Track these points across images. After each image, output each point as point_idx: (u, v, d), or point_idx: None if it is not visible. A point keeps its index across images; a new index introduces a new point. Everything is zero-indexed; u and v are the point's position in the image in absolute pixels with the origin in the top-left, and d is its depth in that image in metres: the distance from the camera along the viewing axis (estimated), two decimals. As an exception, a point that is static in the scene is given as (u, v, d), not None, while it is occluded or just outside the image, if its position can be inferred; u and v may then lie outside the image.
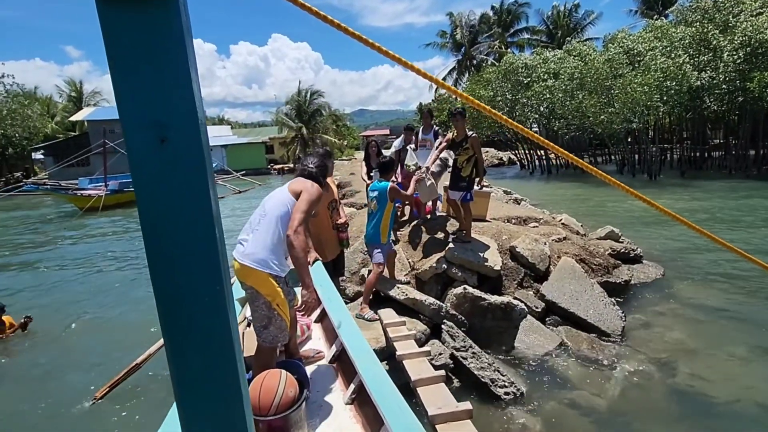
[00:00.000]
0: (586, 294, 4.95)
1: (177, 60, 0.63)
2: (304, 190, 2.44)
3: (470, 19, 40.98)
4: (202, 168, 0.67)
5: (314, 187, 2.49)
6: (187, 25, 0.65)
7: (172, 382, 0.75)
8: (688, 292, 5.69)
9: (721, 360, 4.13)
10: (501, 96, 22.80)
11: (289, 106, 36.34)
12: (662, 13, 28.47)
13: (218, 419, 0.76)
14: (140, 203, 0.67)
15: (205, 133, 0.69)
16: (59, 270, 8.70)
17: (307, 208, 2.39)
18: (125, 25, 0.62)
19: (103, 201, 15.88)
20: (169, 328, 0.71)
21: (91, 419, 3.64)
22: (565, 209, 9.39)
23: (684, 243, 7.82)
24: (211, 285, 0.70)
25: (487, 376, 3.64)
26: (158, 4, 0.61)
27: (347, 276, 5.30)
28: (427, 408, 2.75)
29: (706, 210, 11.02)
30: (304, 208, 2.38)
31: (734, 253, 1.53)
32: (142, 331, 5.06)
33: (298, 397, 2.13)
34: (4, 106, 27.71)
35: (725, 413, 3.40)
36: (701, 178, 17.04)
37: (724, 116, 19.06)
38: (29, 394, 4.11)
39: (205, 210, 0.69)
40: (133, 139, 0.64)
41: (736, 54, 15.32)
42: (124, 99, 0.63)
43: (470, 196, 5.04)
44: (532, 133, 1.30)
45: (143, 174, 0.66)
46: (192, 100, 0.65)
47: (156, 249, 0.69)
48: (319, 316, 3.60)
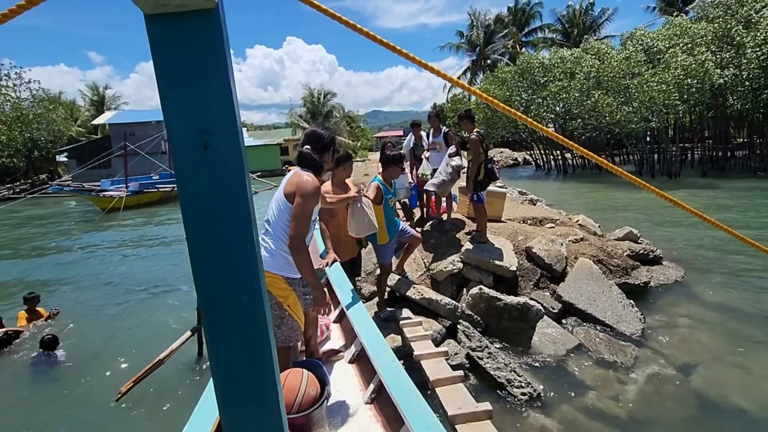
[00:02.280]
0: (604, 295, 4.89)
1: (218, 71, 0.68)
2: (296, 192, 2.25)
3: (486, 19, 40.76)
4: (240, 172, 0.71)
5: (308, 183, 2.25)
6: (227, 37, 0.69)
7: (212, 375, 0.79)
8: (710, 295, 5.55)
9: (744, 366, 4.01)
10: (517, 95, 22.60)
11: (304, 109, 36.66)
12: (682, 10, 27.81)
13: (255, 413, 0.81)
14: (184, 205, 0.71)
15: (242, 140, 0.73)
16: (85, 266, 8.96)
17: (302, 211, 2.23)
18: (171, 38, 0.66)
19: (124, 202, 16.31)
20: (211, 323, 0.75)
21: (115, 415, 3.75)
22: (582, 210, 9.26)
23: (705, 244, 7.63)
24: (250, 283, 0.74)
25: (504, 376, 3.63)
26: (202, 19, 0.65)
27: (363, 276, 5.33)
28: (446, 408, 2.76)
29: (729, 209, 10.73)
30: (299, 212, 2.23)
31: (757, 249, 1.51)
32: (165, 327, 5.19)
33: (319, 396, 2.16)
34: (31, 111, 28.63)
35: (747, 421, 3.31)
36: (724, 178, 16.59)
37: (748, 114, 18.50)
38: (55, 388, 4.26)
39: (243, 211, 0.73)
40: (178, 145, 0.69)
41: (760, 50, 14.88)
42: (170, 107, 0.68)
43: (479, 197, 4.98)
44: (548, 130, 1.31)
45: (187, 178, 0.70)
46: (232, 109, 0.69)
47: (198, 248, 0.73)
48: (338, 316, 3.64)
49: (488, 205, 5.90)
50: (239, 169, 0.71)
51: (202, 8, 0.64)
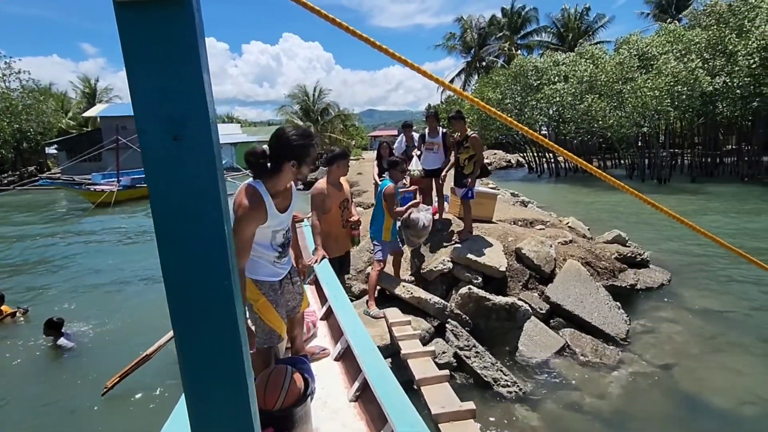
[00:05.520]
0: (591, 297, 4.93)
1: (190, 60, 0.66)
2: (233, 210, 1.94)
3: (480, 22, 40.87)
4: (212, 165, 0.70)
5: (237, 204, 1.95)
6: (201, 26, 0.68)
7: (181, 371, 0.77)
8: (694, 298, 5.63)
9: (724, 366, 4.10)
10: (510, 98, 22.68)
11: (298, 106, 36.46)
12: (675, 17, 28.12)
13: (224, 409, 0.79)
14: (153, 198, 0.70)
15: (216, 132, 0.72)
16: (72, 263, 8.85)
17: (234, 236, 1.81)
18: (141, 25, 0.64)
19: (115, 196, 16.10)
20: (179, 319, 0.74)
21: (101, 409, 3.71)
22: (573, 212, 9.33)
23: (691, 248, 7.72)
24: (220, 279, 0.73)
25: (490, 375, 3.65)
26: (173, 6, 0.64)
27: (353, 274, 5.33)
28: (430, 407, 2.77)
29: (715, 215, 10.87)
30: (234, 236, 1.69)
31: (739, 255, 1.52)
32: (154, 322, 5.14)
33: (303, 393, 2.15)
34: (20, 102, 28.18)
35: (726, 419, 3.39)
36: (712, 184, 16.80)
37: (737, 122, 18.76)
38: (40, 385, 4.20)
39: (215, 205, 0.71)
40: (147, 135, 0.67)
41: (751, 58, 15.08)
42: (138, 97, 0.66)
43: (472, 193, 5.17)
44: (538, 135, 1.32)
45: (156, 170, 0.69)
46: (204, 99, 0.68)
47: (167, 242, 0.72)
48: (325, 313, 3.62)
49: (479, 205, 5.93)
50: (211, 161, 0.69)
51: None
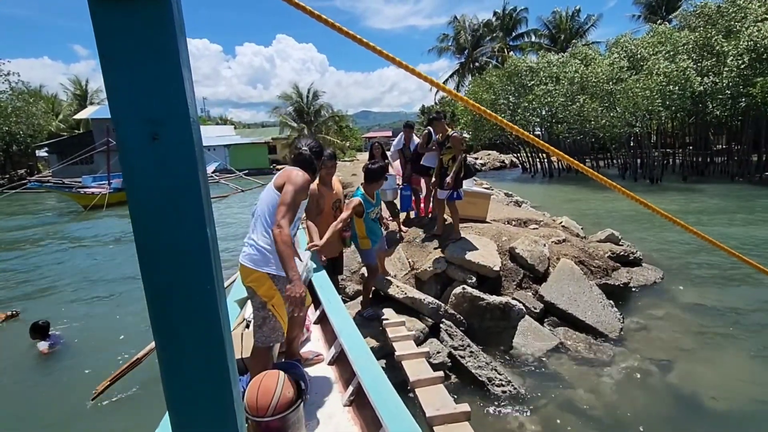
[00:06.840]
0: (585, 296, 4.94)
1: (169, 58, 0.64)
2: (287, 182, 2.27)
3: (473, 23, 41.07)
4: (193, 166, 0.68)
5: (299, 176, 2.30)
6: (180, 23, 0.65)
7: (162, 381, 0.74)
8: (687, 295, 5.68)
9: (716, 362, 4.13)
10: (504, 99, 22.78)
11: (292, 108, 36.36)
12: (665, 18, 28.41)
13: (209, 420, 0.76)
14: (131, 200, 0.68)
15: (197, 131, 0.69)
16: (63, 266, 8.73)
17: (291, 199, 2.21)
18: (117, 22, 0.62)
19: (107, 199, 15.93)
20: (160, 326, 0.72)
21: (91, 415, 3.65)
22: (566, 212, 9.36)
23: (683, 246, 7.80)
24: (202, 283, 0.71)
25: (485, 374, 3.64)
26: (150, 3, 0.62)
27: (347, 275, 5.31)
28: (425, 409, 2.75)
29: (706, 213, 10.98)
30: (288, 200, 2.21)
31: (729, 254, 1.53)
32: (142, 326, 5.08)
33: (296, 398, 2.12)
34: (9, 104, 27.84)
35: (720, 414, 3.41)
36: (703, 183, 16.98)
37: (727, 121, 18.96)
38: (27, 390, 4.13)
39: (196, 208, 0.69)
40: (124, 135, 0.65)
41: (741, 59, 15.26)
42: (115, 95, 0.64)
43: (458, 194, 5.06)
44: (530, 135, 1.31)
45: (135, 171, 0.66)
46: (184, 98, 0.66)
47: (147, 246, 0.69)
48: (319, 317, 3.60)
49: (473, 205, 5.94)
50: (191, 162, 0.67)
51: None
